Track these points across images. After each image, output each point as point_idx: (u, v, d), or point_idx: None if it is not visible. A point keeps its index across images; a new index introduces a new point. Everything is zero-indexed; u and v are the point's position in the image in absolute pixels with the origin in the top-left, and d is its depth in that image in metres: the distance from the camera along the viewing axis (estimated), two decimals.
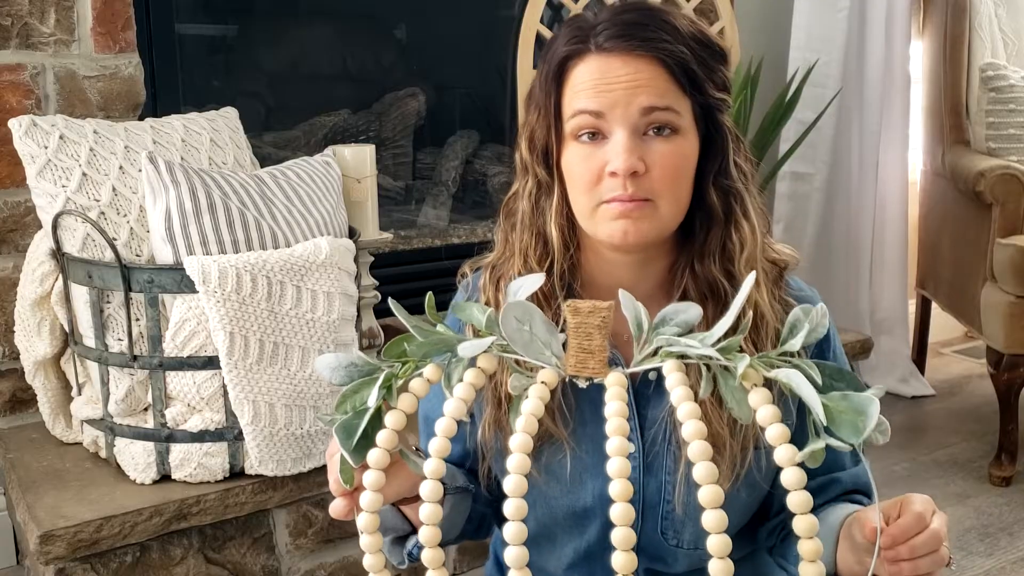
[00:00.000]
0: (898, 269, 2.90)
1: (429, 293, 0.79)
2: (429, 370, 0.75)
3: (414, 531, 0.97)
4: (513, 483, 0.66)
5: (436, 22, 2.55)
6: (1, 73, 1.74)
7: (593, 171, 0.90)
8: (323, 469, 1.56)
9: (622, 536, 0.64)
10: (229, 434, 1.50)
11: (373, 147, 1.82)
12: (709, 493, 0.63)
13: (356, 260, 1.62)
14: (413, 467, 0.78)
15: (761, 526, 1.05)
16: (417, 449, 0.92)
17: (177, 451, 1.50)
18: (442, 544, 1.04)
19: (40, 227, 1.61)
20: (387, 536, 0.98)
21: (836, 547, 0.90)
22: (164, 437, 1.50)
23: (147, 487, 1.51)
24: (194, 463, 1.50)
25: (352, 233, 1.70)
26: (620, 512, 0.64)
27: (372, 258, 1.84)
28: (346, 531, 1.65)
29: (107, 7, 1.82)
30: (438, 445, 0.70)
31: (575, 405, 0.96)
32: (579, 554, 1.02)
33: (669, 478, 0.96)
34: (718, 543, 0.63)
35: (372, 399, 0.74)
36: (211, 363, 1.47)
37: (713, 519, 0.63)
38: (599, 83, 0.89)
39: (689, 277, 0.95)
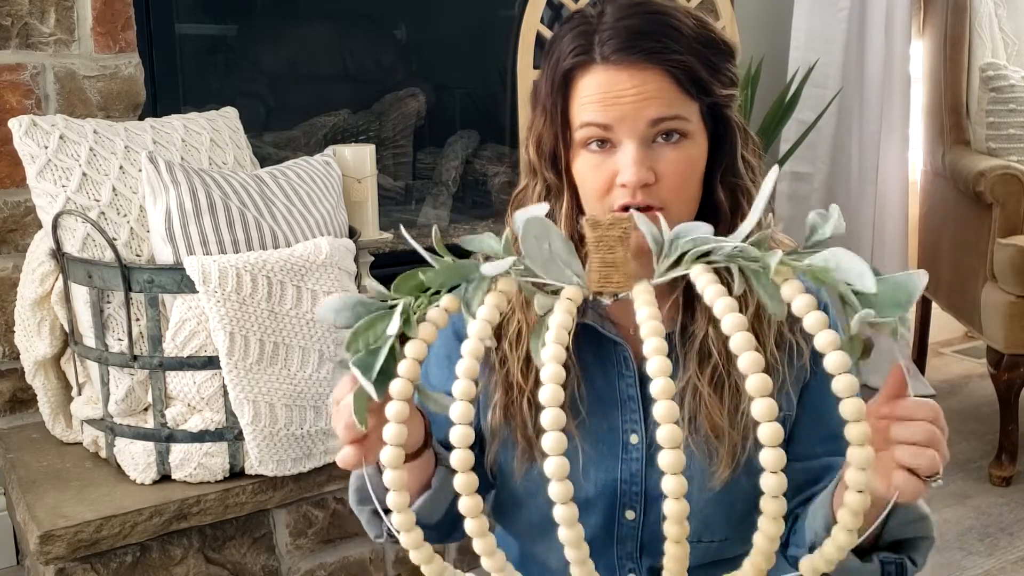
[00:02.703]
0: (898, 269, 2.89)
1: (435, 226, 0.77)
2: (446, 300, 0.71)
3: None
4: (551, 417, 0.63)
5: (436, 22, 2.55)
6: (1, 73, 1.74)
7: (604, 180, 0.90)
8: (323, 469, 1.56)
9: (668, 434, 0.61)
10: (229, 434, 1.50)
11: (373, 147, 1.82)
12: (757, 382, 0.61)
13: (356, 260, 1.62)
14: (433, 405, 0.75)
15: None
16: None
17: (177, 451, 1.50)
18: (424, 527, 1.01)
19: (40, 227, 1.61)
20: (368, 507, 0.96)
21: (831, 501, 0.89)
22: (164, 437, 1.50)
23: (147, 487, 1.51)
24: (194, 463, 1.50)
25: (352, 233, 1.70)
26: (664, 409, 0.61)
27: (372, 258, 1.84)
28: (346, 531, 1.65)
29: (107, 7, 1.82)
30: (467, 365, 0.67)
31: (581, 398, 0.96)
32: None
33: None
34: (769, 431, 0.61)
35: (393, 327, 0.70)
36: (211, 363, 1.47)
37: (763, 408, 0.61)
38: (606, 96, 0.89)
39: None
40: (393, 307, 0.72)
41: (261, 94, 2.39)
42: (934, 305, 2.93)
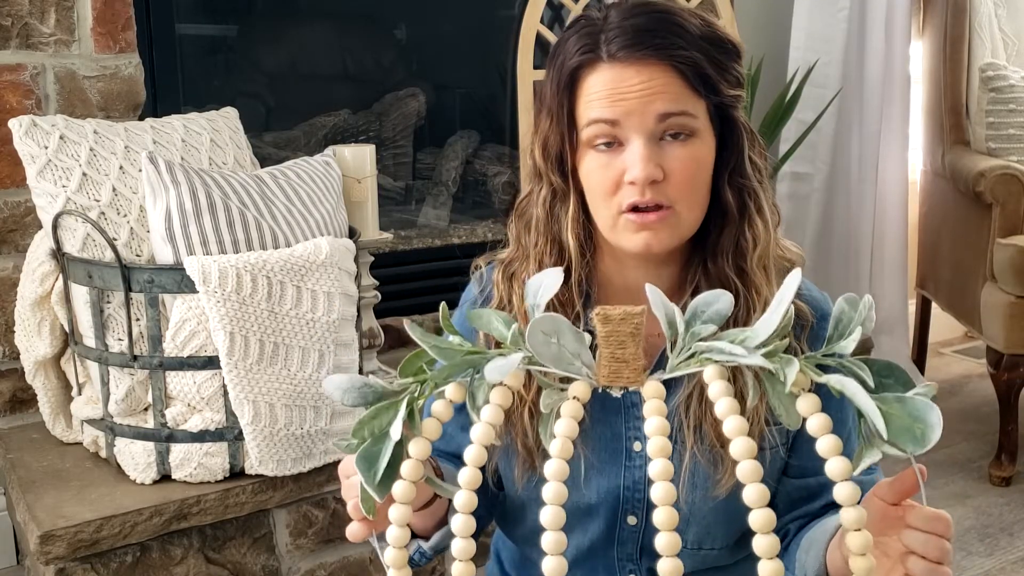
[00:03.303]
0: (898, 269, 2.90)
1: (443, 304, 0.75)
2: (451, 390, 0.70)
3: (413, 536, 0.97)
4: (550, 515, 0.62)
5: (436, 22, 2.55)
6: (1, 73, 1.74)
7: (612, 179, 0.90)
8: (323, 469, 1.56)
9: (667, 542, 0.60)
10: (229, 434, 1.50)
11: (373, 147, 1.82)
12: (760, 517, 0.59)
13: (356, 260, 1.62)
14: (443, 493, 0.75)
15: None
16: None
17: (177, 451, 1.50)
18: (445, 549, 1.03)
19: (40, 227, 1.61)
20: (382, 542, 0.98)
21: (824, 552, 0.89)
22: (164, 437, 1.50)
23: (147, 487, 1.51)
24: (194, 463, 1.50)
25: (352, 233, 1.70)
26: (665, 542, 0.60)
27: (372, 258, 1.84)
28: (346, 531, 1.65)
29: (107, 7, 1.82)
30: (468, 476, 0.66)
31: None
32: (582, 551, 1.02)
33: (674, 476, 0.96)
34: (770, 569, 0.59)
35: (396, 429, 0.70)
36: (211, 363, 1.47)
37: (768, 556, 0.59)
38: (613, 92, 0.89)
39: (702, 275, 0.95)
40: (399, 393, 0.71)
41: (261, 94, 2.39)
42: (934, 305, 2.93)
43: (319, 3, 2.42)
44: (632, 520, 0.99)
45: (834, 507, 0.97)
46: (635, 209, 0.90)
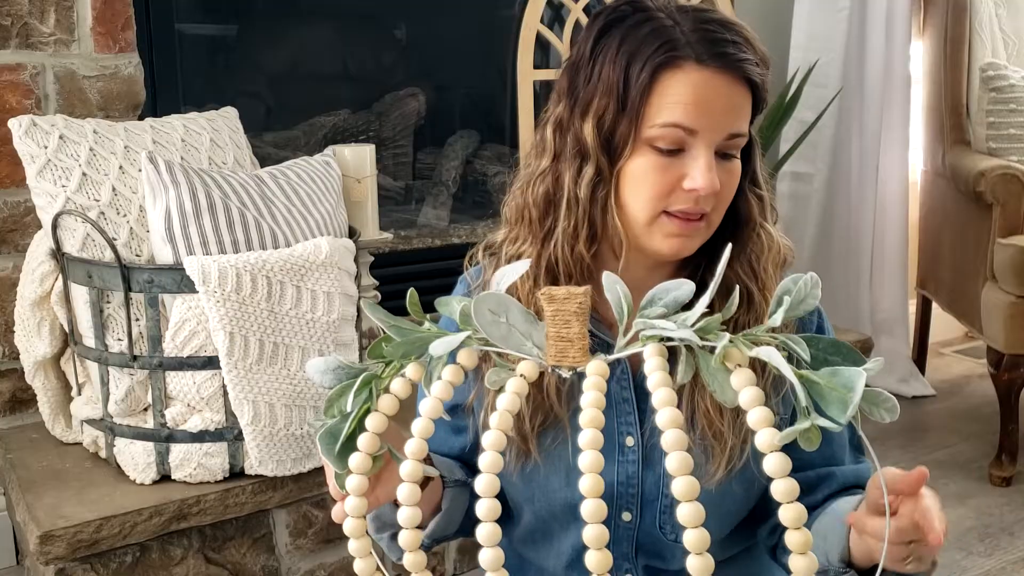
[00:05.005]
0: (898, 269, 2.90)
1: (411, 290, 0.77)
2: (411, 369, 0.73)
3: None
4: (484, 483, 0.63)
5: (436, 22, 2.55)
6: (1, 73, 1.74)
7: (668, 183, 0.89)
8: (323, 470, 1.56)
9: (594, 535, 0.62)
10: (229, 434, 1.50)
11: (373, 147, 1.82)
12: (684, 484, 0.60)
13: (356, 260, 1.62)
14: (397, 460, 0.78)
15: (760, 524, 1.05)
16: None
17: (177, 451, 1.50)
18: (442, 539, 1.03)
19: (40, 227, 1.61)
20: (387, 532, 0.98)
21: (848, 535, 0.89)
22: (164, 437, 1.50)
23: (147, 487, 1.51)
24: (194, 463, 1.50)
25: (352, 233, 1.70)
26: (591, 509, 0.62)
27: (372, 258, 1.84)
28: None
29: (107, 7, 1.82)
30: (414, 447, 0.68)
31: (575, 395, 0.96)
32: (577, 551, 1.02)
33: (666, 470, 0.96)
34: (694, 537, 0.59)
35: (348, 403, 0.74)
36: (211, 363, 1.47)
37: (688, 512, 0.60)
38: (700, 101, 0.88)
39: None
40: (367, 373, 0.75)
41: (261, 94, 2.39)
42: (934, 305, 2.93)
43: (319, 3, 2.42)
44: (627, 516, 0.99)
45: (834, 498, 0.98)
46: (679, 215, 0.90)
